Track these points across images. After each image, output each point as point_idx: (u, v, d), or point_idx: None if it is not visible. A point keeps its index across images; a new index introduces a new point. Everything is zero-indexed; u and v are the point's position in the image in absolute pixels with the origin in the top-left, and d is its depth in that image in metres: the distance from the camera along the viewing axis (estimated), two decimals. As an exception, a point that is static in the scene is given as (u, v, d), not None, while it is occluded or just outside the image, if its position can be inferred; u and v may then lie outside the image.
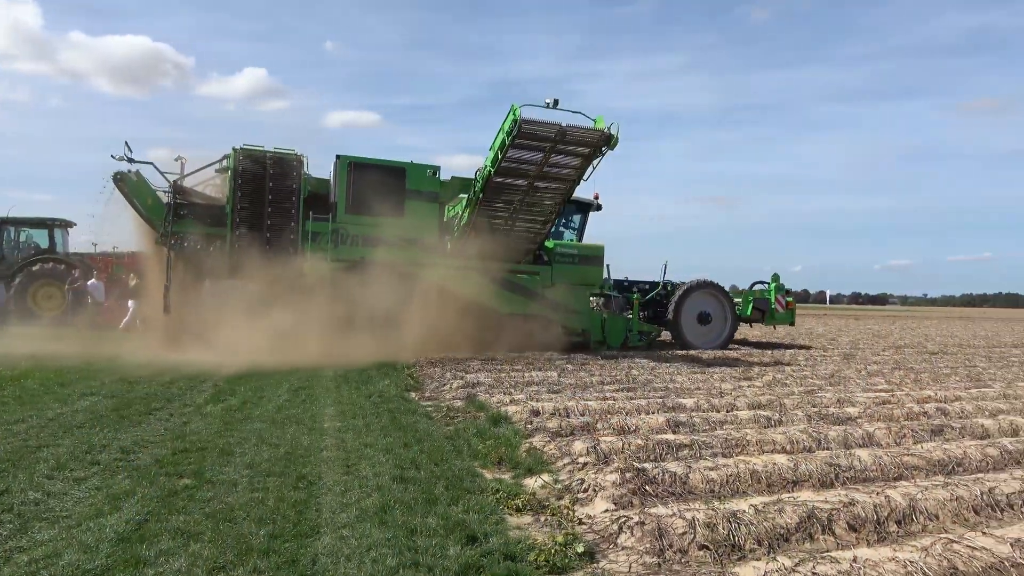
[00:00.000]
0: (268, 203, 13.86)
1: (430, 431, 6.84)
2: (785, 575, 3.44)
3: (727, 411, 8.07)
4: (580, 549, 3.89)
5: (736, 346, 18.79)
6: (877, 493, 4.72)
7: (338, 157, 14.39)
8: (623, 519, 4.24)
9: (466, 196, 14.37)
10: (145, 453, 5.71)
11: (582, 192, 15.18)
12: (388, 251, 14.00)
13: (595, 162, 12.74)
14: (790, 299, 19.18)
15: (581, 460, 5.66)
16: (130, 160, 13.69)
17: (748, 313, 18.62)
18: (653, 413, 7.75)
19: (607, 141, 12.19)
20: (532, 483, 5.22)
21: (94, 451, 5.68)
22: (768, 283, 19.07)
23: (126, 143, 13.76)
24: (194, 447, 5.91)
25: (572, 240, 17.27)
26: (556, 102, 11.72)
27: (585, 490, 4.96)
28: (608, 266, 16.57)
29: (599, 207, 17.63)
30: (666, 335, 18.01)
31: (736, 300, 18.47)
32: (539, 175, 12.83)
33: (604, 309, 16.61)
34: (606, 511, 4.58)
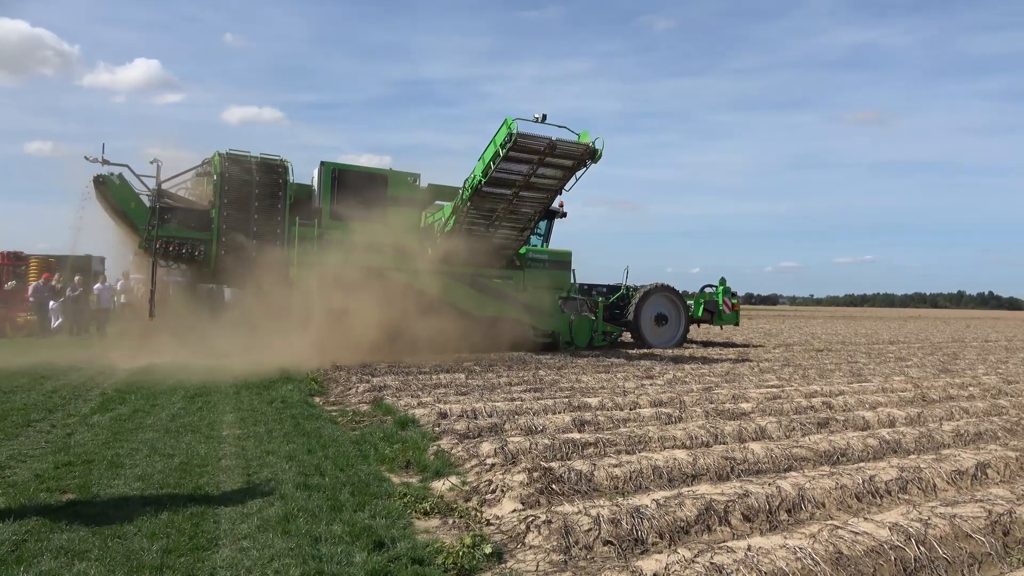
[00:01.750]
0: (254, 208, 13.78)
1: (335, 436, 6.69)
2: (685, 566, 3.56)
3: (630, 409, 8.29)
4: (488, 550, 3.89)
5: (688, 344, 19.61)
6: (769, 484, 4.96)
7: (322, 164, 14.59)
8: (530, 518, 4.28)
9: (446, 204, 14.70)
10: (23, 468, 5.31)
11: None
12: (371, 256, 14.03)
13: (578, 174, 13.15)
14: (735, 301, 20.38)
15: (489, 461, 5.67)
16: (105, 163, 13.24)
17: (699, 314, 19.63)
18: (559, 413, 7.88)
19: (592, 155, 12.62)
20: (440, 486, 5.19)
21: (-36, 467, 5.25)
22: (716, 287, 20.08)
23: (103, 146, 13.30)
24: (79, 460, 5.55)
25: (540, 245, 17.71)
26: (544, 117, 12.08)
27: (493, 491, 4.97)
28: (574, 271, 17.19)
29: (564, 214, 18.16)
30: (626, 336, 18.68)
31: (688, 303, 19.38)
32: (525, 185, 13.13)
33: (568, 311, 17.02)
34: (514, 511, 4.61)
